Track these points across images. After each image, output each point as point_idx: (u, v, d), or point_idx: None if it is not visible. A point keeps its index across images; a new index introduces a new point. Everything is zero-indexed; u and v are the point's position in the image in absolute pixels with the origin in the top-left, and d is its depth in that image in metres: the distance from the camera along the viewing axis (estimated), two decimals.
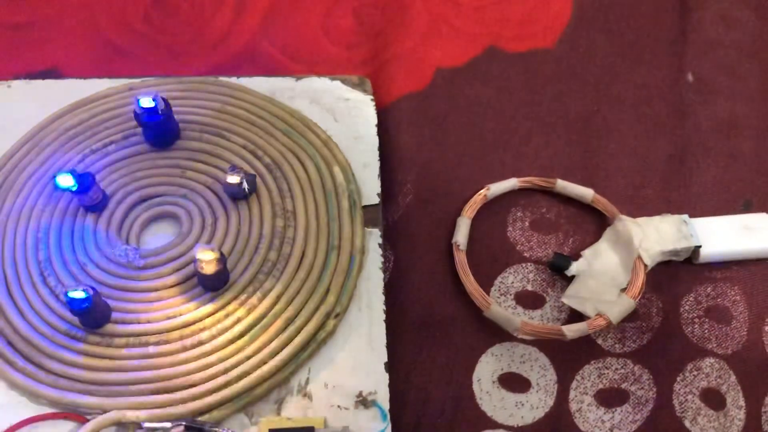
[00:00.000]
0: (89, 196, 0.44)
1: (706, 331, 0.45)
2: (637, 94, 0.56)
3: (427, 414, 0.42)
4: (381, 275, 0.45)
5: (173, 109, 0.48)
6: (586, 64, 0.57)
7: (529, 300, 0.47)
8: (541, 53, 0.58)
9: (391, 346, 0.43)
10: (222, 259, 0.41)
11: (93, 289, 0.40)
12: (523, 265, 0.48)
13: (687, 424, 0.42)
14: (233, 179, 0.45)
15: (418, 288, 0.46)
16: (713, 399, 0.43)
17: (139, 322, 0.42)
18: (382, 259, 0.46)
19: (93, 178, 0.44)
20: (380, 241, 0.47)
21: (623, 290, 0.45)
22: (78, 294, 0.39)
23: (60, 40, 0.57)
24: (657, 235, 0.47)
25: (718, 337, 0.45)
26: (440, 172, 0.51)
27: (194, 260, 0.41)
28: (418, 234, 0.48)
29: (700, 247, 0.47)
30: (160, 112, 0.45)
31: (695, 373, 0.44)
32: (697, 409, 0.43)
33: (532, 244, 0.49)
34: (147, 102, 0.45)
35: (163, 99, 0.46)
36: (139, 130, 0.48)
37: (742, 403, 0.43)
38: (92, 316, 0.40)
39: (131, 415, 0.39)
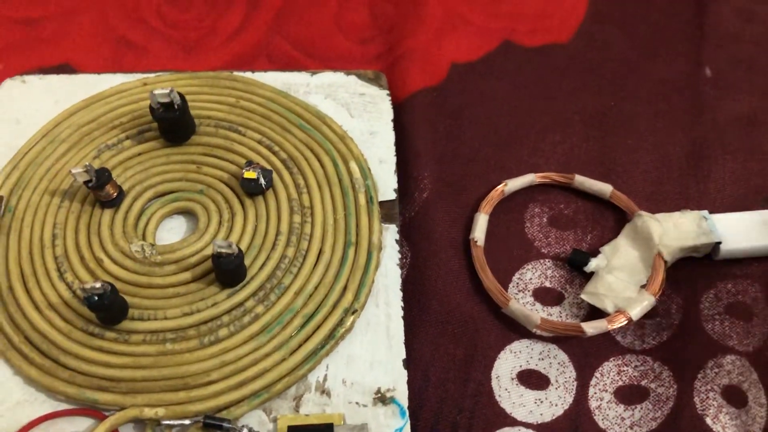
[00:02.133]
0: (105, 191, 0.44)
1: (727, 327, 0.45)
2: (654, 89, 0.55)
3: (446, 411, 0.42)
4: (398, 271, 0.45)
5: (189, 103, 0.48)
6: (602, 59, 0.57)
7: (547, 296, 0.46)
8: (557, 48, 0.57)
9: (409, 343, 0.43)
10: (239, 255, 0.41)
11: (110, 285, 0.39)
12: (542, 261, 0.47)
13: (708, 421, 0.42)
14: (250, 174, 0.44)
15: (436, 284, 0.46)
16: (735, 396, 0.43)
17: (156, 319, 0.41)
18: (399, 255, 0.46)
19: (109, 173, 0.44)
20: (397, 237, 0.46)
21: (643, 287, 0.45)
22: (95, 290, 0.39)
23: (73, 36, 0.57)
24: (676, 231, 0.46)
25: (739, 334, 0.45)
26: (456, 167, 0.51)
27: (212, 256, 0.41)
28: (435, 230, 0.48)
29: (720, 243, 0.46)
30: (176, 107, 0.45)
31: (716, 370, 0.43)
32: (719, 406, 0.42)
33: (550, 240, 0.48)
34: (163, 97, 0.45)
35: (179, 94, 0.45)
36: (155, 125, 0.48)
37: (764, 400, 0.43)
38: (109, 312, 0.40)
39: (149, 411, 0.39)
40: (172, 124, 0.46)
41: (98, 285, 0.39)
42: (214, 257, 0.41)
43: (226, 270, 0.41)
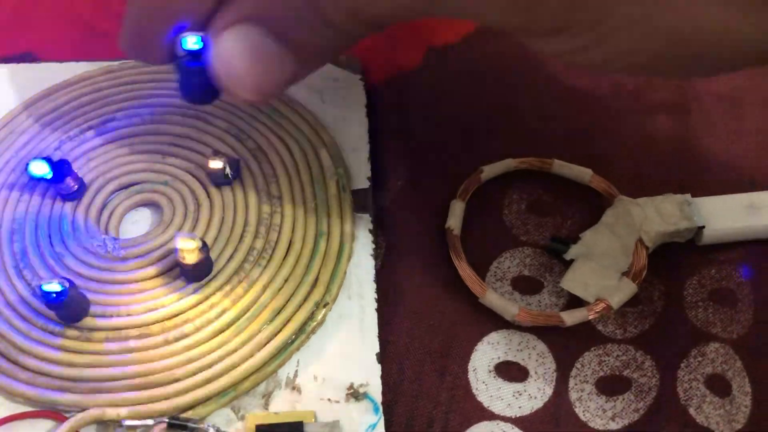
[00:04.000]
0: (66, 184, 0.43)
1: (711, 315, 0.44)
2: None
3: (421, 405, 0.41)
4: (372, 262, 0.44)
5: (154, 91, 0.47)
6: None
7: (526, 285, 0.45)
8: None
9: (383, 336, 0.42)
10: (205, 248, 0.40)
11: (69, 281, 0.38)
12: (520, 249, 0.46)
13: (692, 411, 0.41)
14: (216, 164, 0.43)
15: (411, 275, 0.45)
16: (718, 385, 0.41)
17: (119, 315, 0.40)
18: (374, 246, 0.44)
19: (69, 165, 0.42)
20: (371, 226, 0.45)
21: (624, 274, 0.44)
22: (53, 287, 0.37)
23: (36, 23, 0.55)
24: (658, 215, 0.45)
25: (723, 321, 0.44)
26: (433, 154, 0.49)
27: (175, 250, 0.39)
28: (411, 219, 0.47)
29: (703, 227, 0.45)
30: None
31: (699, 359, 0.42)
32: (702, 396, 0.41)
33: (528, 227, 0.47)
34: (192, 43, 0.35)
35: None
36: (119, 114, 0.46)
37: (748, 389, 0.41)
38: (69, 309, 0.39)
39: (111, 412, 0.37)
40: (201, 77, 0.36)
41: (56, 282, 0.37)
42: (179, 251, 0.39)
43: (191, 264, 0.40)
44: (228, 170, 0.43)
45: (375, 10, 0.32)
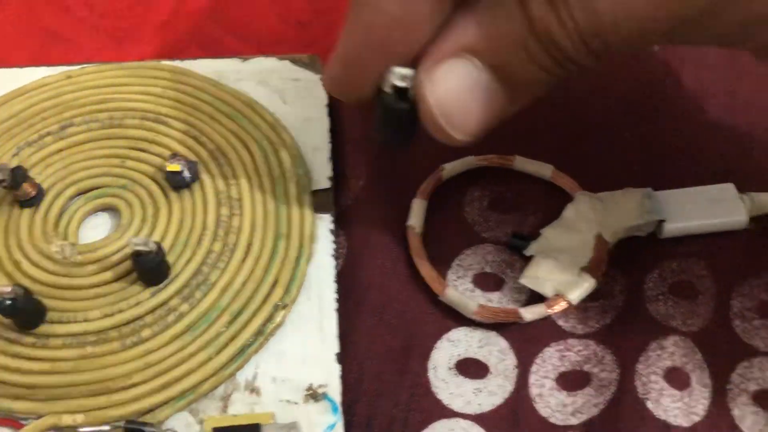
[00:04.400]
0: (22, 190, 0.43)
1: (671, 308, 0.44)
2: (601, 64, 0.54)
3: (381, 405, 0.41)
4: (333, 263, 0.44)
5: (114, 95, 0.47)
6: None
7: (487, 282, 0.45)
8: None
9: (344, 336, 0.42)
10: (159, 252, 0.40)
11: (22, 288, 0.38)
12: (482, 246, 0.46)
13: (650, 405, 0.41)
14: (174, 167, 0.43)
15: (373, 274, 0.45)
16: (677, 378, 0.42)
17: (76, 321, 0.40)
18: (335, 246, 0.44)
19: (24, 171, 0.42)
20: (332, 227, 0.45)
21: (584, 269, 0.44)
22: (5, 294, 0.37)
23: None
24: (618, 210, 0.45)
25: (683, 313, 0.44)
26: (394, 153, 0.49)
27: (131, 254, 0.39)
28: (373, 218, 0.47)
29: (663, 221, 0.45)
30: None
31: (659, 352, 0.42)
32: (660, 389, 0.41)
33: (490, 224, 0.47)
34: (401, 78, 0.32)
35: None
36: (78, 119, 0.46)
37: (708, 381, 0.42)
38: (24, 316, 0.39)
39: (67, 418, 0.37)
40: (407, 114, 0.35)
41: (8, 289, 0.37)
42: (133, 255, 0.39)
43: (146, 268, 0.40)
44: (186, 173, 0.43)
45: (622, 33, 0.29)
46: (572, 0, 0.29)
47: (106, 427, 0.37)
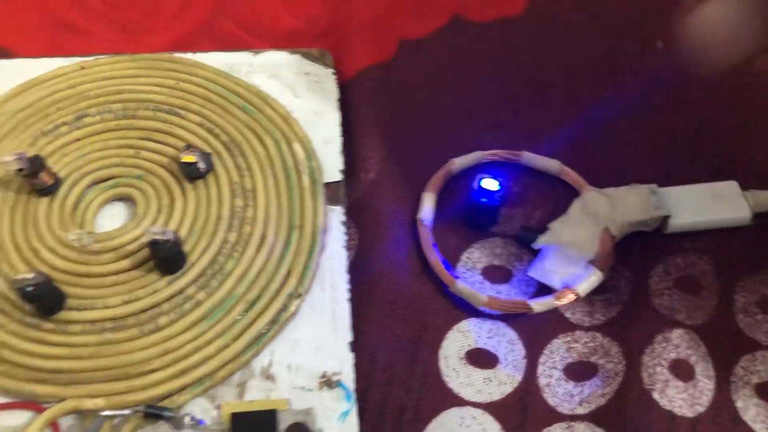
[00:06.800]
0: (40, 179, 0.43)
1: (676, 302, 0.45)
2: (606, 63, 0.55)
3: (393, 393, 0.42)
4: (345, 254, 0.44)
5: (128, 86, 0.47)
6: (553, 32, 0.56)
7: (496, 274, 0.46)
8: (508, 22, 0.57)
9: (356, 326, 0.43)
10: (176, 241, 0.40)
11: (43, 275, 0.38)
12: (490, 239, 0.47)
13: (656, 396, 0.42)
14: (189, 158, 0.44)
15: (383, 265, 0.45)
16: (682, 370, 0.43)
17: (95, 308, 0.41)
18: (346, 237, 0.45)
19: (42, 160, 0.43)
20: (343, 218, 0.46)
21: (591, 262, 0.45)
22: (28, 281, 0.38)
23: (10, 19, 0.55)
24: (625, 205, 0.46)
25: (688, 307, 0.45)
26: (404, 146, 0.50)
27: (148, 243, 0.40)
28: (383, 211, 0.47)
29: (669, 216, 0.46)
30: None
31: (664, 344, 0.43)
32: (666, 381, 0.42)
33: (499, 217, 0.48)
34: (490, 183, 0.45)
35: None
36: (93, 110, 0.47)
37: (711, 373, 0.43)
38: (45, 303, 0.39)
39: (88, 402, 0.38)
40: (491, 212, 0.46)
41: (31, 276, 0.38)
42: (151, 244, 0.40)
43: (164, 257, 0.40)
44: (201, 164, 0.44)
45: None
46: None
47: (127, 411, 0.38)
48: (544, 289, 0.45)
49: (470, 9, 0.57)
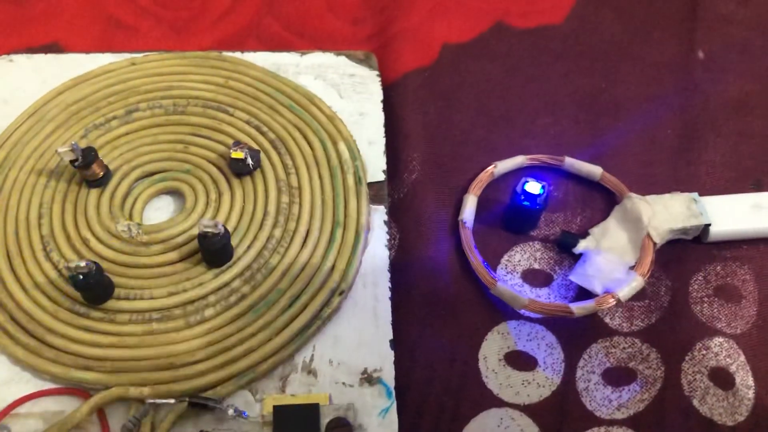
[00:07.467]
0: (92, 170, 0.44)
1: (716, 310, 0.45)
2: (647, 71, 0.55)
3: (432, 392, 0.42)
4: (386, 252, 0.45)
5: (177, 83, 0.48)
6: (594, 41, 0.57)
7: (536, 278, 0.46)
8: (550, 29, 0.57)
9: (396, 324, 0.43)
10: (225, 235, 0.41)
11: (95, 263, 0.39)
12: (531, 243, 0.47)
13: (695, 403, 0.42)
14: (237, 155, 0.44)
15: (424, 265, 0.46)
16: (722, 378, 0.43)
17: (142, 298, 0.41)
18: (388, 237, 0.46)
19: (95, 152, 0.44)
20: (386, 218, 0.46)
21: (632, 268, 0.45)
22: (80, 269, 0.38)
23: (62, 15, 0.56)
24: (666, 213, 0.46)
25: (728, 316, 0.45)
26: (446, 148, 0.50)
27: (198, 235, 0.41)
28: (424, 211, 0.48)
29: (709, 225, 0.46)
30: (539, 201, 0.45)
31: (704, 352, 0.43)
32: (706, 388, 0.42)
33: (539, 221, 0.48)
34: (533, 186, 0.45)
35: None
36: (143, 105, 0.48)
37: (751, 382, 0.43)
38: (95, 291, 0.40)
39: (134, 390, 0.39)
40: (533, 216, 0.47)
41: (83, 264, 0.39)
42: (200, 237, 0.41)
43: (212, 250, 0.41)
44: (249, 160, 0.44)
45: None
46: None
47: (172, 401, 0.38)
48: (583, 295, 0.45)
49: (512, 15, 0.58)
